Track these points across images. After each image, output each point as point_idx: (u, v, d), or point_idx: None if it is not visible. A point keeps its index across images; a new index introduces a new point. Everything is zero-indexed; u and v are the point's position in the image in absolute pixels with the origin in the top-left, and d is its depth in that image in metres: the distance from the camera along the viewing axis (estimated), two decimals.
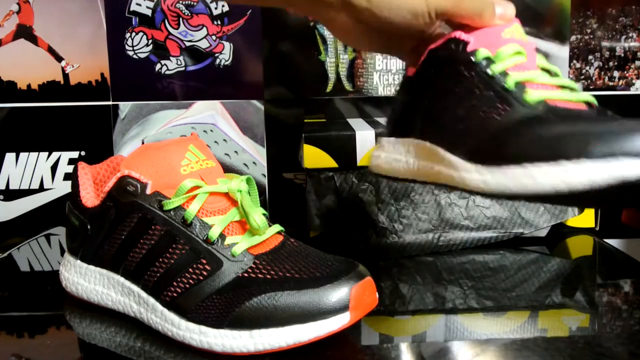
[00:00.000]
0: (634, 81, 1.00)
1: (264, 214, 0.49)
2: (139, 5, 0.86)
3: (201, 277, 0.46)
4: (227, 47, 0.89)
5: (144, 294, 0.49)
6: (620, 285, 0.56)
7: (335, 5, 0.45)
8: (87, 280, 0.53)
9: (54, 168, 0.90)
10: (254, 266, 0.46)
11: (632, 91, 1.00)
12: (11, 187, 0.90)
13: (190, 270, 0.46)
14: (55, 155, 0.90)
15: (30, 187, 0.90)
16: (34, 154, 0.90)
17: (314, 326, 0.43)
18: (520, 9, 0.95)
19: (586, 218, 0.73)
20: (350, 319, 0.44)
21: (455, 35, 0.46)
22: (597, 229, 0.73)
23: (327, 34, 0.95)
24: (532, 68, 0.47)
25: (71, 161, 0.90)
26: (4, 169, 0.90)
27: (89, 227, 0.52)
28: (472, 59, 0.45)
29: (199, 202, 0.48)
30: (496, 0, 0.48)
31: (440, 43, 0.47)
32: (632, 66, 1.00)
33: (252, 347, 0.44)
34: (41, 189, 0.90)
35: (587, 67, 1.00)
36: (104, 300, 0.52)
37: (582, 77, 1.00)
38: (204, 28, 0.88)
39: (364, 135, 0.70)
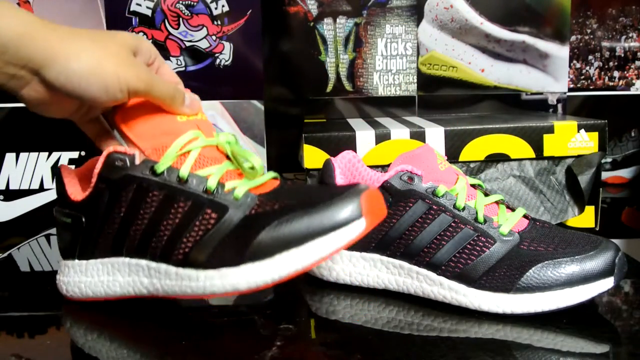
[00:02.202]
0: (634, 81, 1.00)
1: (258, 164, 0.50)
2: (139, 5, 0.86)
3: (209, 227, 0.45)
4: (227, 47, 0.89)
5: (153, 264, 0.48)
6: (620, 285, 0.56)
7: (27, 77, 0.44)
8: (90, 275, 0.52)
9: (54, 168, 0.90)
10: (259, 203, 0.46)
11: (632, 91, 1.00)
12: (11, 187, 0.90)
13: (197, 223, 0.46)
14: (55, 155, 0.90)
15: (30, 187, 0.90)
16: (34, 154, 0.90)
17: (333, 238, 0.43)
18: (521, 9, 0.96)
19: (586, 218, 0.73)
20: (366, 225, 0.44)
21: (407, 169, 0.53)
22: (597, 229, 0.73)
23: (327, 34, 0.96)
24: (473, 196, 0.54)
25: (71, 161, 0.90)
26: (4, 169, 0.90)
27: (83, 219, 0.51)
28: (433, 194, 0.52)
29: (192, 158, 0.48)
30: (186, 90, 0.51)
31: (393, 175, 0.53)
32: (632, 66, 1.00)
33: (276, 274, 0.43)
34: (41, 189, 0.90)
35: (587, 67, 1.00)
36: (112, 289, 0.51)
37: (582, 77, 1.00)
38: (204, 28, 0.88)
39: (364, 135, 0.70)
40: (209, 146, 0.49)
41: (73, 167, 0.52)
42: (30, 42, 0.43)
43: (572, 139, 0.71)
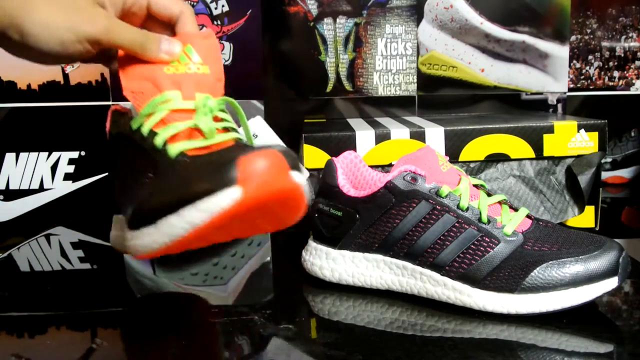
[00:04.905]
0: (634, 81, 1.00)
1: (229, 127, 0.47)
2: None
3: (144, 186, 0.45)
4: (227, 47, 0.89)
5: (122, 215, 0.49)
6: (621, 285, 0.56)
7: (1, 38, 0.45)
8: (115, 229, 0.54)
9: (54, 168, 0.90)
10: (183, 164, 0.43)
11: (632, 91, 1.00)
12: (11, 187, 0.90)
13: (141, 181, 0.45)
14: (55, 155, 0.90)
15: (30, 187, 0.90)
16: (34, 154, 0.90)
17: (202, 205, 0.39)
18: (521, 9, 0.96)
19: (586, 218, 0.73)
20: (242, 194, 0.38)
21: (410, 169, 0.52)
22: (597, 228, 0.73)
23: (327, 34, 0.96)
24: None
25: (71, 161, 0.90)
26: (4, 169, 0.89)
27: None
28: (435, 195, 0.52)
29: (158, 117, 0.46)
30: (164, 36, 0.49)
31: (396, 175, 0.52)
32: (632, 66, 1.00)
33: (159, 239, 0.42)
34: (41, 189, 0.90)
35: (587, 67, 1.00)
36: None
37: (582, 77, 1.00)
38: (204, 28, 0.88)
39: (364, 135, 0.70)
40: (182, 109, 0.47)
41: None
42: None
43: (572, 139, 0.71)
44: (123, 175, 0.49)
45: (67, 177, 0.90)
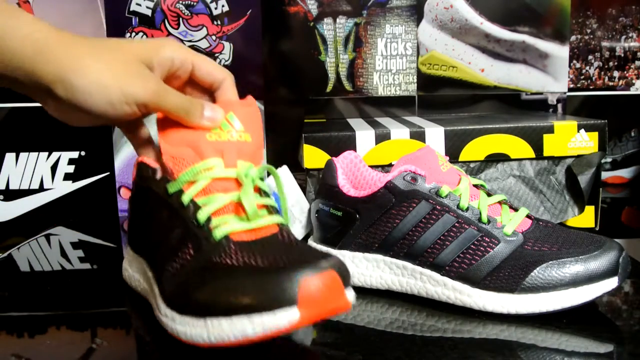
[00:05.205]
0: (634, 81, 1.00)
1: (269, 205, 0.47)
2: (139, 5, 0.86)
3: (184, 262, 0.44)
4: (227, 47, 0.89)
5: (151, 274, 0.49)
6: (621, 285, 0.56)
7: (40, 93, 0.45)
8: (131, 267, 0.56)
9: (54, 168, 0.90)
10: (228, 251, 0.43)
11: (632, 91, 1.00)
12: (11, 187, 0.90)
13: (179, 253, 0.44)
14: (55, 155, 0.90)
15: (30, 187, 0.90)
16: (34, 154, 0.90)
17: (258, 320, 0.38)
18: (521, 9, 0.96)
19: (586, 218, 0.73)
20: (300, 318, 0.38)
21: (410, 169, 0.53)
22: (597, 228, 0.73)
23: (327, 34, 0.96)
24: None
25: (71, 161, 0.90)
26: (4, 169, 0.89)
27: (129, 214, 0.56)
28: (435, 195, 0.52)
29: (199, 186, 0.46)
30: (208, 102, 0.49)
31: (396, 175, 0.53)
32: (632, 66, 1.00)
33: (206, 336, 0.40)
34: (41, 189, 0.90)
35: (587, 67, 1.00)
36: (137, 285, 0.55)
37: (582, 77, 1.00)
38: (204, 28, 0.87)
39: (364, 135, 0.70)
40: (224, 178, 0.47)
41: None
42: (42, 65, 0.43)
43: (572, 139, 0.71)
44: (153, 233, 0.48)
45: (67, 177, 0.90)
